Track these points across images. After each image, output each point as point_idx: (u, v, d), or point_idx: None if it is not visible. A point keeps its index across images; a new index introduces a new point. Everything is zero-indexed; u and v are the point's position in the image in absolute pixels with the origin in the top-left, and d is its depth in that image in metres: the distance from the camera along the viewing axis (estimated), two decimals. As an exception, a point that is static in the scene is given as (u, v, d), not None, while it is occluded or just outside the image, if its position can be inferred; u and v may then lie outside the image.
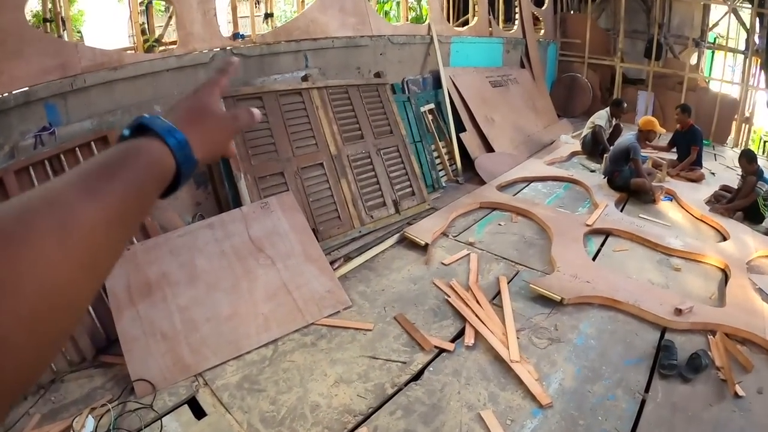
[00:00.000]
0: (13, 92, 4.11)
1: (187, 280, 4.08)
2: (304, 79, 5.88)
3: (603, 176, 7.32)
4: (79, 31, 11.71)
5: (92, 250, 0.49)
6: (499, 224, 6.02)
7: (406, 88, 7.43)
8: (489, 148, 7.96)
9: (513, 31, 10.30)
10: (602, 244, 5.57)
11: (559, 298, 4.34)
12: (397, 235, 5.66)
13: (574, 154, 8.76)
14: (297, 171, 5.43)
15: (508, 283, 4.72)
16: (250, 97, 5.40)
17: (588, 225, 5.76)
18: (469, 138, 7.74)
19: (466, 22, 10.11)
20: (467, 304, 4.35)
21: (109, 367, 3.74)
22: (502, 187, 7.06)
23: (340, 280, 4.63)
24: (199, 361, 3.66)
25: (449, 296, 4.51)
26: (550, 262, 5.05)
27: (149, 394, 3.43)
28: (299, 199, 5.26)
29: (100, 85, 4.63)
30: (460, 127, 7.70)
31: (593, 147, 8.39)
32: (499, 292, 4.57)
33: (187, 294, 3.99)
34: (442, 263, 5.14)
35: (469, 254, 5.25)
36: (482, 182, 7.19)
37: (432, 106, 7.47)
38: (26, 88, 4.15)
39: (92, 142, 4.40)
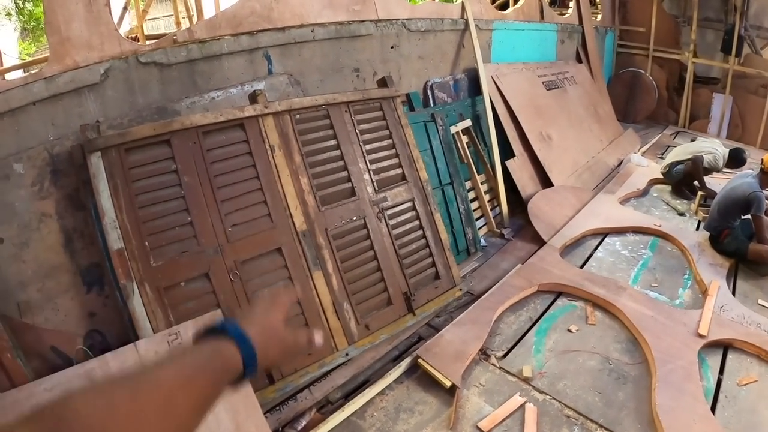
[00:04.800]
0: None
1: None
2: (253, 99, 3.23)
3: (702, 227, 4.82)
4: None
5: (180, 424, 0.65)
6: (569, 330, 3.54)
7: (430, 97, 4.82)
8: (544, 179, 5.36)
9: (567, 15, 7.67)
10: (721, 369, 3.29)
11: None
12: (408, 359, 3.27)
13: (652, 183, 6.15)
14: (234, 267, 2.87)
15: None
16: (149, 143, 2.88)
17: (701, 335, 3.36)
18: (519, 166, 5.11)
19: (506, 4, 7.26)
20: None
21: None
22: (566, 248, 4.54)
23: None
24: None
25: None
26: (654, 423, 2.82)
27: None
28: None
29: None
30: (505, 151, 5.01)
31: (683, 180, 5.64)
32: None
33: None
34: (478, 429, 2.82)
35: (523, 405, 2.93)
36: (537, 238, 4.63)
37: (468, 123, 4.83)
38: None
39: None
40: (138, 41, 4.97)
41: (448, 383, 3.03)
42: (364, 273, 3.36)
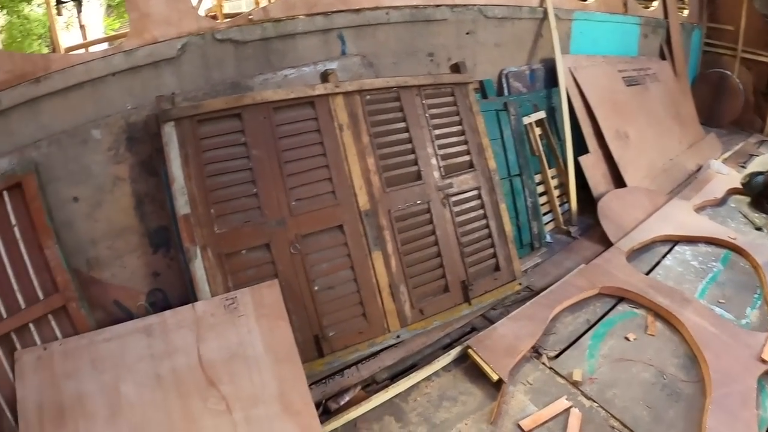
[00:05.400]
0: None
1: (107, 413, 2.60)
2: (324, 78, 3.22)
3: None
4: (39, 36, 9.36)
5: None
6: (626, 338, 3.31)
7: (504, 86, 4.66)
8: (617, 178, 5.06)
9: (652, 9, 7.18)
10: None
11: None
12: (458, 348, 3.19)
13: (730, 192, 5.61)
14: (295, 241, 2.87)
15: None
16: (220, 116, 2.93)
17: (764, 360, 3.03)
18: (593, 163, 4.84)
19: (588, -6, 6.95)
20: None
21: None
22: (634, 252, 4.24)
23: None
24: None
25: None
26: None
27: None
28: (294, 289, 2.87)
29: (21, 105, 3.04)
30: (579, 147, 4.78)
31: (764, 192, 5.22)
32: None
33: None
34: (519, 427, 2.73)
35: (569, 409, 2.79)
36: (605, 239, 4.36)
37: (542, 114, 4.63)
38: None
39: (3, 193, 2.89)
40: (216, 19, 5.09)
41: (495, 377, 2.94)
42: (424, 257, 3.30)
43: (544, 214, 4.48)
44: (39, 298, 2.92)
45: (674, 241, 4.48)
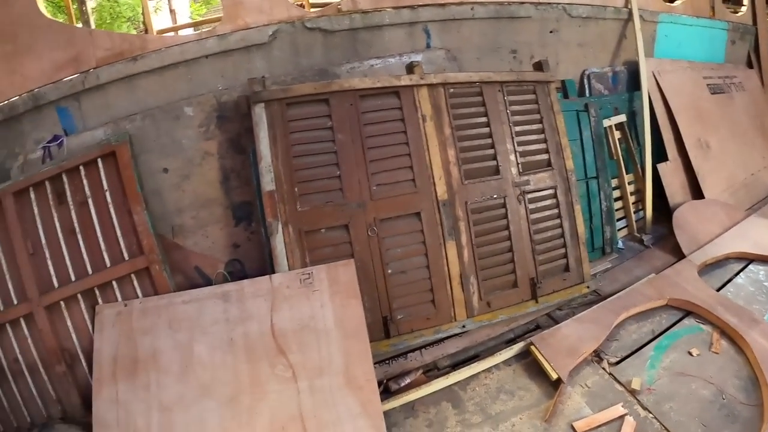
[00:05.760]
0: (23, 95, 3.40)
1: (178, 369, 2.84)
2: (410, 70, 3.28)
3: None
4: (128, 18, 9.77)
5: None
6: (690, 353, 3.21)
7: (586, 87, 4.60)
8: (695, 189, 4.88)
9: (741, 14, 6.81)
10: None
11: None
12: (521, 343, 3.20)
13: None
14: (373, 224, 2.96)
15: None
16: (309, 100, 3.05)
17: None
18: (671, 171, 4.69)
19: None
20: None
21: None
22: (706, 267, 4.07)
23: (399, 415, 2.86)
24: None
25: None
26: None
27: None
28: (368, 270, 2.97)
29: (118, 81, 3.39)
30: (658, 153, 4.67)
31: None
32: None
33: (175, 390, 2.81)
34: (573, 428, 2.74)
35: (623, 417, 2.77)
36: (677, 250, 4.21)
37: (622, 118, 4.53)
38: (35, 90, 3.38)
39: (98, 160, 3.16)
40: (303, 8, 5.25)
41: (554, 376, 2.95)
42: (496, 251, 3.32)
43: (618, 219, 4.39)
44: (124, 258, 3.15)
45: (749, 259, 4.27)
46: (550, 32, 4.42)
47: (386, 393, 2.98)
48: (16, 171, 3.41)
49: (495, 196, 3.33)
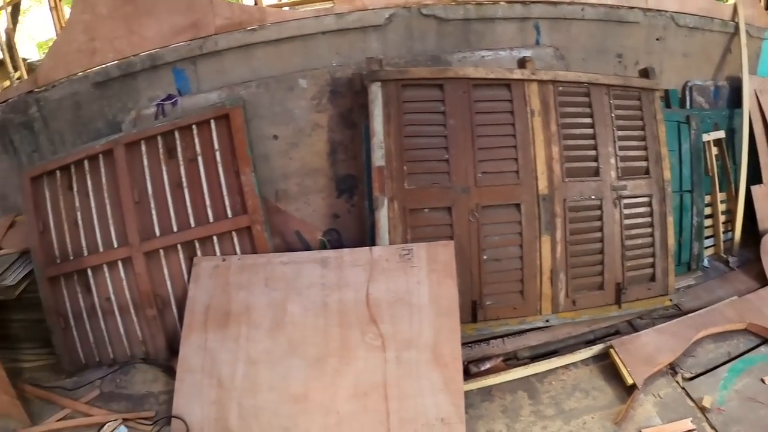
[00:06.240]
0: (141, 54, 3.65)
1: (269, 326, 3.02)
2: (521, 64, 3.35)
3: None
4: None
5: None
6: (762, 380, 3.13)
7: (687, 99, 4.51)
8: (788, 217, 4.67)
9: None
10: None
11: None
12: (601, 345, 3.25)
13: None
14: (475, 209, 3.05)
15: None
16: (424, 84, 3.16)
17: None
18: (764, 195, 4.57)
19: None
20: None
21: (172, 376, 3.21)
22: None
23: (476, 397, 2.97)
24: None
25: None
26: None
27: None
28: (465, 254, 3.07)
29: (236, 49, 3.60)
30: (753, 175, 4.57)
31: None
32: None
33: (263, 344, 3.00)
34: None
35: None
36: (762, 276, 4.08)
37: (721, 134, 4.44)
38: (153, 51, 3.64)
39: (211, 121, 3.37)
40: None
41: (630, 381, 2.98)
42: (587, 251, 3.36)
43: (706, 237, 4.34)
44: (227, 216, 3.36)
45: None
46: (656, 39, 4.38)
47: (466, 375, 3.07)
48: (127, 125, 3.68)
49: (593, 197, 3.37)
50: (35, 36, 8.78)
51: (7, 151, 4.05)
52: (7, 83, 4.40)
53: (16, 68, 4.37)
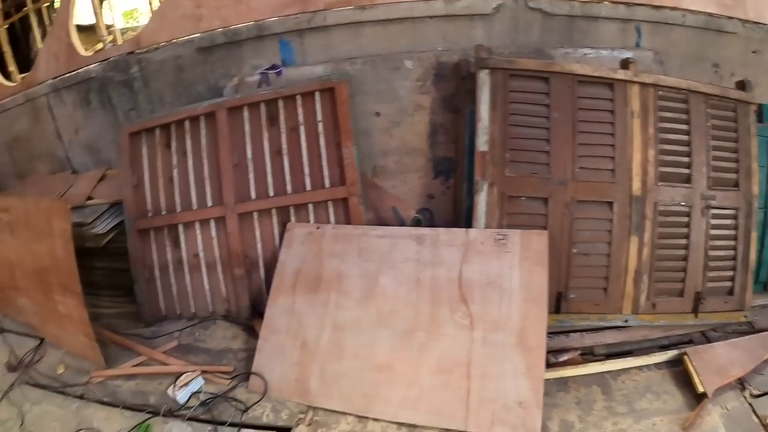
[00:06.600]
0: (248, 24, 3.76)
1: (360, 295, 3.11)
2: (624, 65, 3.36)
3: None
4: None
5: None
6: None
7: (783, 115, 4.42)
8: None
9: None
10: None
11: None
12: (676, 351, 3.24)
13: None
14: (569, 203, 3.10)
15: None
16: (530, 75, 3.22)
17: None
18: None
19: None
20: None
21: (252, 335, 3.42)
22: None
23: (552, 386, 2.96)
24: (321, 395, 2.93)
25: None
26: None
27: (258, 393, 3.01)
28: (556, 245, 3.11)
29: (343, 26, 3.68)
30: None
31: None
32: None
33: (352, 312, 3.08)
34: None
35: None
36: None
37: (812, 154, 4.36)
38: (261, 21, 3.74)
39: (316, 93, 3.48)
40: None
41: (701, 389, 2.97)
42: (672, 257, 3.37)
43: (786, 259, 4.29)
44: (324, 186, 3.45)
45: None
46: (753, 52, 4.33)
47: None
48: (229, 90, 3.79)
49: (682, 203, 3.37)
50: (115, 5, 9.14)
51: (105, 108, 4.23)
52: (99, 46, 4.56)
53: (108, 32, 4.53)
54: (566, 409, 2.91)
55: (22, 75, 5.45)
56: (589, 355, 3.27)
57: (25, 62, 6.07)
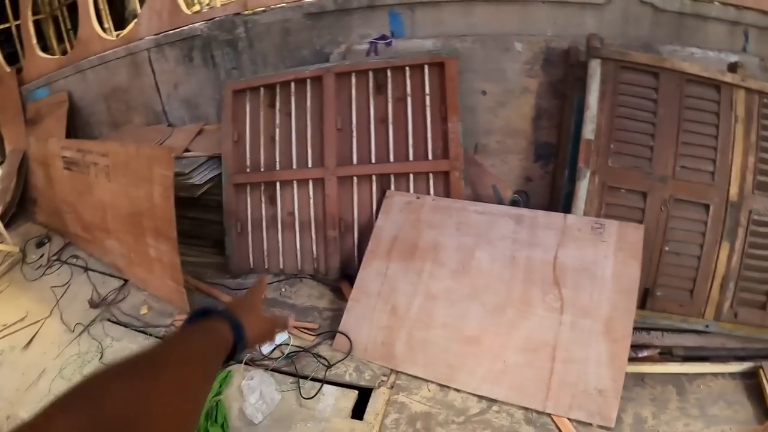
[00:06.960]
0: None
1: (455, 267, 3.20)
2: (732, 69, 3.36)
3: None
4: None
5: (191, 394, 0.71)
6: None
7: None
8: None
9: None
10: None
11: None
12: (752, 363, 3.23)
13: None
14: (667, 201, 3.14)
15: None
16: (641, 69, 3.24)
17: None
18: None
19: None
20: None
21: (339, 296, 3.58)
22: None
23: (629, 380, 2.95)
24: (406, 360, 3.03)
25: None
26: None
27: (342, 352, 3.13)
28: (649, 241, 3.14)
29: (455, 3, 3.70)
30: None
31: None
32: None
33: (445, 283, 3.18)
34: None
35: None
36: None
37: None
38: None
39: (425, 66, 3.58)
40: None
41: None
42: (760, 267, 3.36)
43: None
44: (427, 157, 3.53)
45: None
46: None
47: (625, 356, 3.20)
48: (335, 56, 3.89)
49: (776, 214, 3.37)
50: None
51: (207, 65, 4.40)
52: (196, 8, 4.71)
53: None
54: (641, 404, 2.96)
55: (117, 33, 5.70)
56: (667, 354, 3.32)
57: (120, 21, 6.34)
